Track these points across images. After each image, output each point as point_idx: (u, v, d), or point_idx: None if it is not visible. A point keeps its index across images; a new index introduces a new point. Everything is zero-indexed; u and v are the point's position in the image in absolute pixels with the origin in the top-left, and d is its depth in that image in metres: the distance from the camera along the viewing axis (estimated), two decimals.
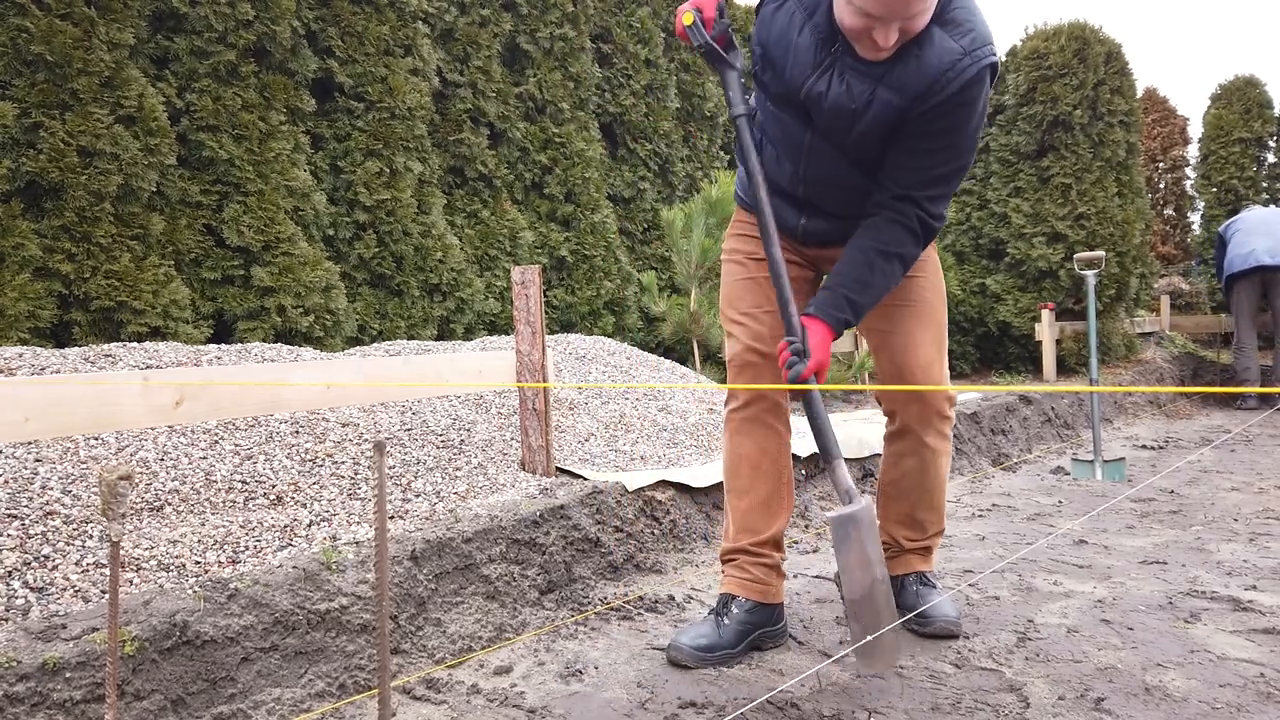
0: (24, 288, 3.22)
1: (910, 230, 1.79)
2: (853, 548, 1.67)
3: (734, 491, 2.04)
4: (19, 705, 1.34)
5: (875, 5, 1.56)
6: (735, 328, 2.03)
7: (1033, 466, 4.37)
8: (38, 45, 3.28)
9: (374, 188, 4.45)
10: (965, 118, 1.71)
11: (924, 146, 1.74)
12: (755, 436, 2.00)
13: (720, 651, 1.88)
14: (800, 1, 1.75)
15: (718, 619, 1.94)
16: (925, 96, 1.67)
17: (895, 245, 1.79)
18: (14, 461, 2.06)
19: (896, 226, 1.79)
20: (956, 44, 1.65)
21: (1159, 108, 11.19)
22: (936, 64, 1.65)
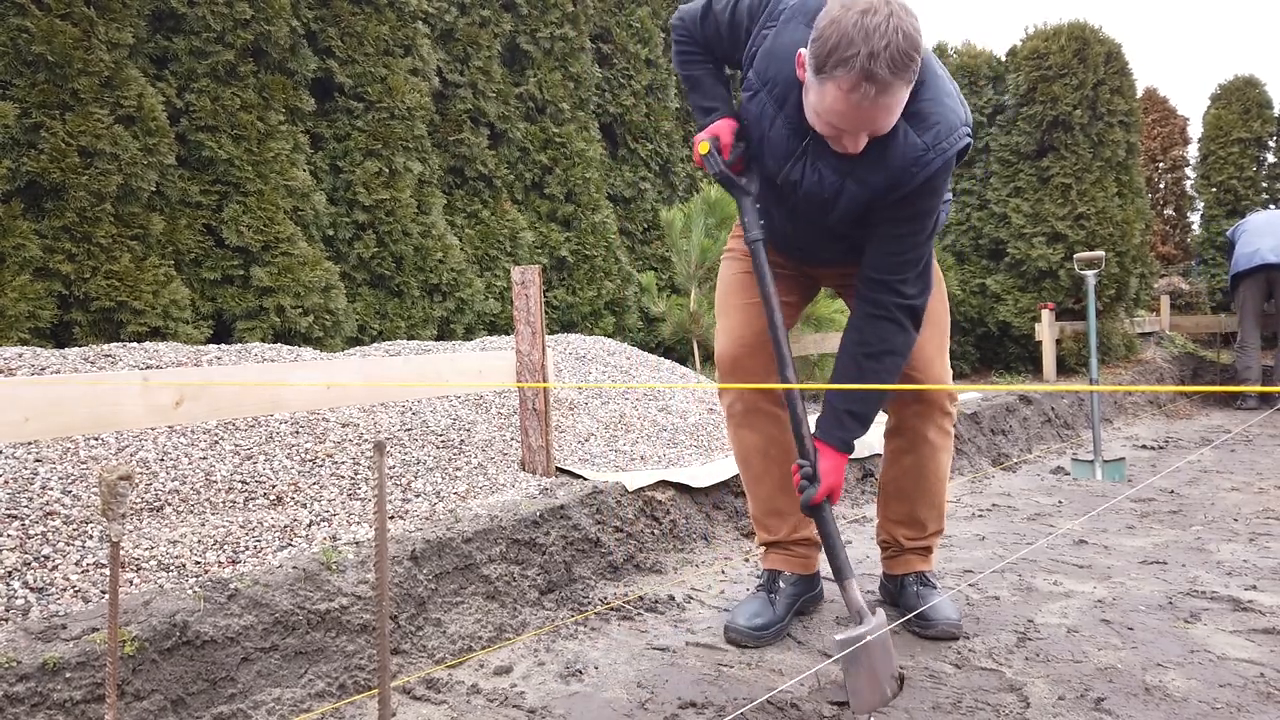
0: (24, 288, 3.22)
1: (892, 321, 1.79)
2: (862, 671, 1.65)
3: (752, 478, 2.14)
4: (19, 705, 1.34)
5: (842, 121, 1.58)
6: (725, 320, 2.08)
7: (1033, 466, 4.37)
8: (38, 45, 3.28)
9: (373, 188, 4.45)
10: (932, 203, 1.75)
11: (893, 233, 1.77)
12: (758, 425, 2.08)
13: (774, 627, 2.03)
14: (770, 93, 1.75)
15: (768, 595, 2.09)
16: (891, 190, 1.70)
17: (881, 343, 1.80)
18: (14, 461, 2.06)
19: (878, 322, 1.80)
20: (920, 139, 1.65)
21: (1159, 108, 11.19)
22: (900, 161, 1.66)
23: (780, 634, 2.04)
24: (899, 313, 1.79)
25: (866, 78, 1.48)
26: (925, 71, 1.66)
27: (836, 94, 1.53)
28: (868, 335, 1.80)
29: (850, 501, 3.45)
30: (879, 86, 1.49)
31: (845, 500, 3.45)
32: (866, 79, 1.48)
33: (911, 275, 1.78)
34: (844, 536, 2.99)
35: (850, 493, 3.50)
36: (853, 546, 2.86)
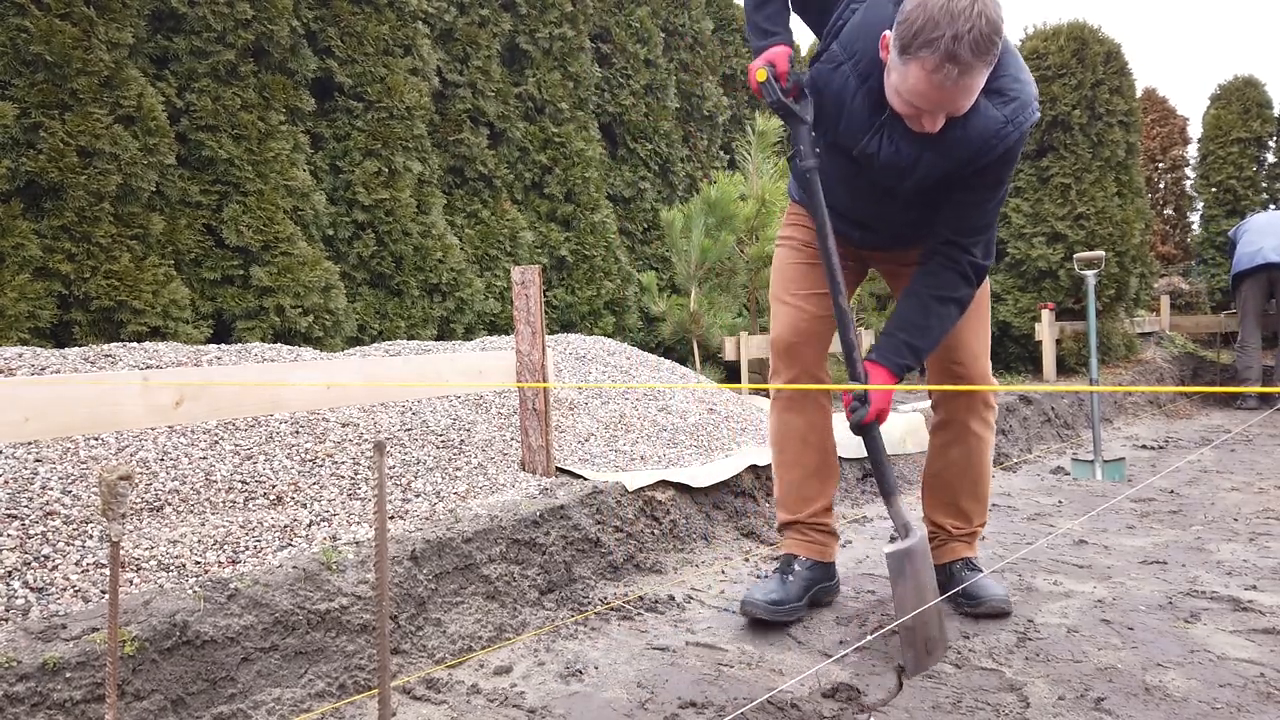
0: (24, 288, 3.22)
1: (962, 275, 1.91)
2: (908, 581, 1.77)
3: (783, 464, 2.21)
4: (19, 705, 1.34)
5: (923, 101, 1.63)
6: (783, 309, 2.16)
7: (1033, 466, 4.37)
8: (37, 45, 3.28)
9: (373, 187, 4.45)
10: (1006, 172, 1.85)
11: (970, 199, 1.87)
12: (805, 410, 2.16)
13: (789, 605, 2.08)
14: (855, 66, 1.81)
15: (782, 577, 2.14)
16: (970, 161, 1.78)
17: (949, 290, 1.90)
18: (14, 461, 2.06)
19: (949, 272, 1.90)
20: (1000, 113, 1.73)
21: (1158, 108, 11.19)
22: (981, 133, 1.74)
23: (794, 614, 2.08)
24: (969, 269, 1.91)
25: (950, 59, 1.54)
26: (1002, 50, 1.70)
27: (920, 74, 1.59)
28: (939, 281, 1.90)
29: (850, 502, 3.45)
30: (961, 68, 1.55)
31: (845, 501, 3.45)
32: (950, 60, 1.55)
33: (983, 239, 1.91)
34: (844, 536, 3.00)
35: (850, 493, 3.50)
36: (853, 547, 2.86)
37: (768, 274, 4.97)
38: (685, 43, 6.88)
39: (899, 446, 3.88)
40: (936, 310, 1.90)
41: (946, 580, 2.22)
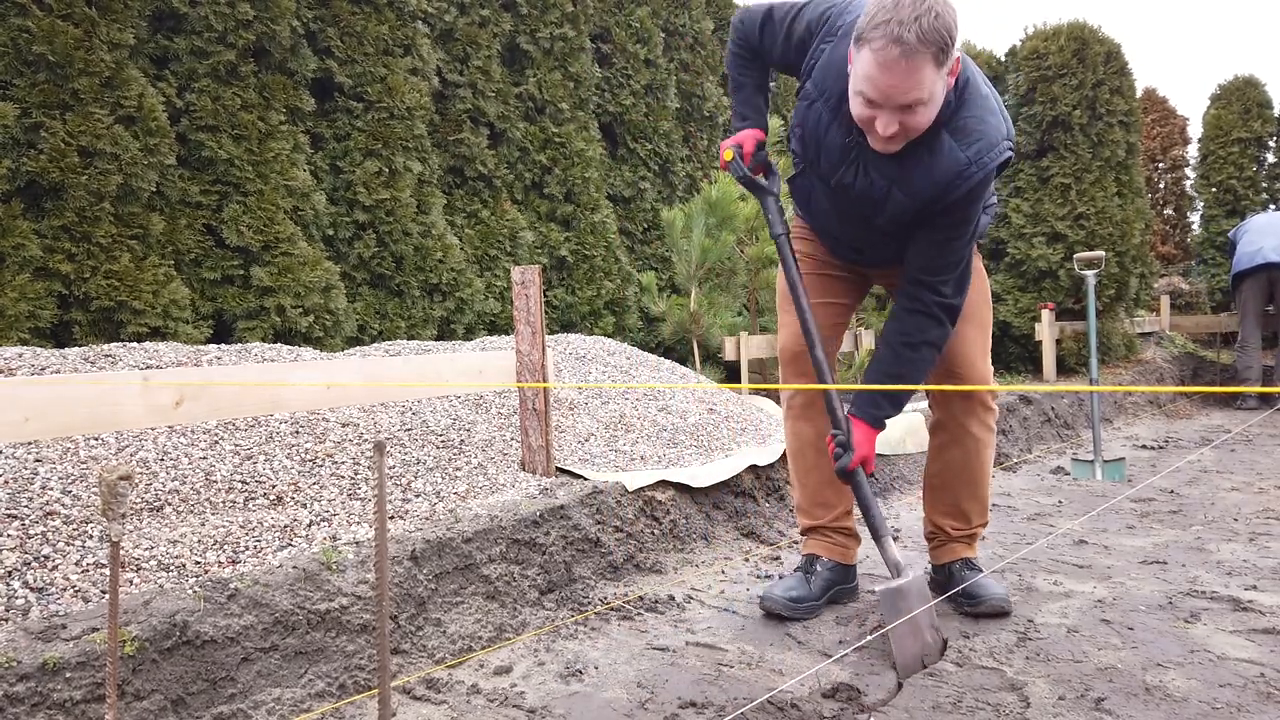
0: (24, 288, 3.22)
1: (930, 317, 1.93)
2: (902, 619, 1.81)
3: (801, 471, 2.27)
4: (19, 705, 1.34)
5: (872, 89, 1.68)
6: (788, 318, 2.20)
7: (1033, 466, 4.37)
8: (38, 45, 3.28)
9: (373, 187, 4.45)
10: (972, 211, 1.87)
11: (937, 238, 1.90)
12: (814, 419, 2.20)
13: (808, 603, 2.14)
14: (826, 102, 1.89)
15: (805, 575, 2.20)
16: (936, 199, 1.82)
17: (919, 334, 1.94)
18: (14, 461, 2.06)
19: (918, 316, 1.94)
20: (963, 154, 1.77)
21: (1158, 108, 11.18)
22: (943, 173, 1.79)
23: (813, 612, 2.15)
24: (937, 309, 1.93)
25: (895, 41, 1.61)
26: (970, 89, 1.79)
27: (869, 59, 1.65)
28: (907, 326, 1.94)
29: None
30: (905, 50, 1.60)
31: None
32: (895, 42, 1.61)
33: (951, 277, 1.92)
34: None
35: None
36: None
37: (767, 274, 4.98)
38: (685, 43, 6.88)
39: (899, 446, 3.88)
40: (908, 356, 1.94)
41: (946, 580, 2.23)
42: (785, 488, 3.19)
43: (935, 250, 1.91)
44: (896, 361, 1.95)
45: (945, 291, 1.92)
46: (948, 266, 1.91)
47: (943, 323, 1.94)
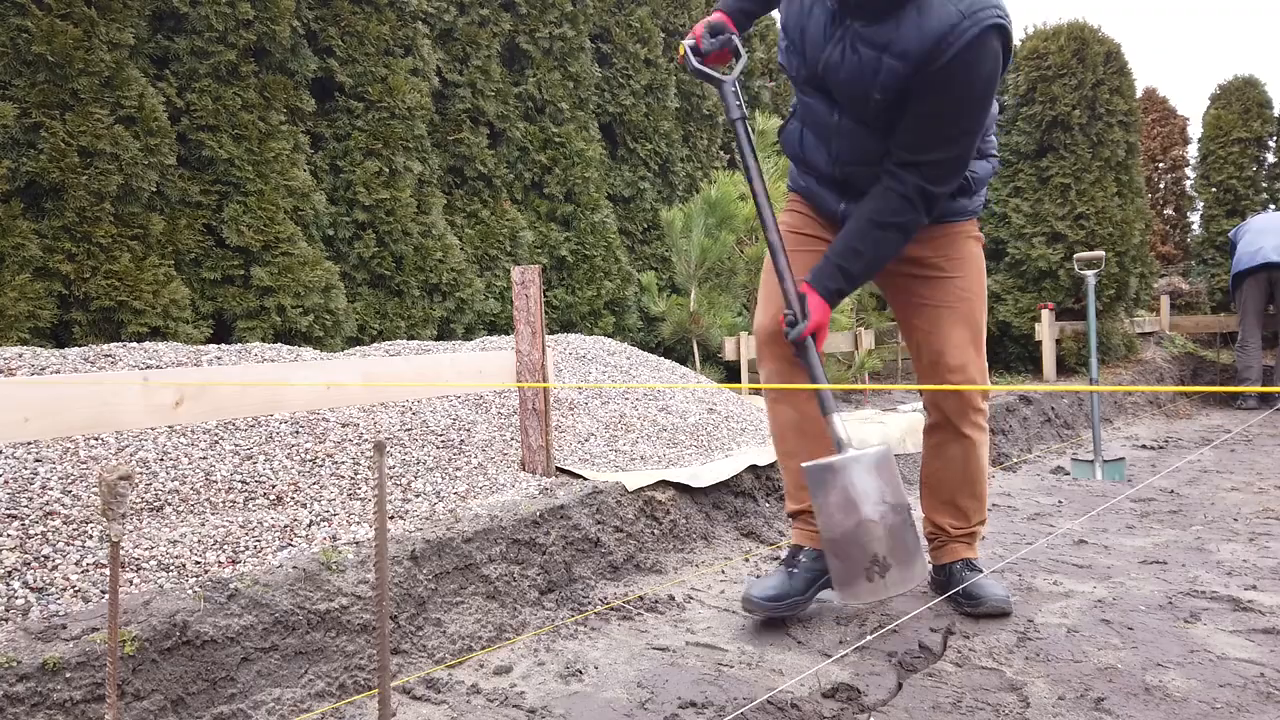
0: (24, 288, 3.22)
1: (906, 199, 1.83)
2: (830, 493, 1.76)
3: (785, 454, 2.20)
4: (19, 705, 1.34)
5: None
6: (765, 295, 2.17)
7: (1033, 466, 4.37)
8: (38, 45, 3.28)
9: (373, 187, 4.45)
10: (969, 82, 1.73)
11: (927, 111, 1.77)
12: (794, 400, 2.14)
13: (790, 599, 2.06)
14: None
15: (788, 570, 2.11)
16: (927, 62, 1.71)
17: (890, 215, 1.85)
18: (14, 461, 2.06)
19: (893, 195, 1.84)
20: (955, 8, 1.68)
21: (1158, 108, 11.18)
22: (935, 28, 1.68)
23: (795, 609, 2.07)
24: (915, 195, 1.83)
25: None
26: None
27: None
28: (881, 205, 1.85)
29: None
30: None
31: None
32: None
33: (940, 158, 1.81)
34: None
35: None
36: None
37: None
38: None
39: (899, 446, 3.88)
40: (872, 235, 1.86)
41: (946, 580, 2.22)
42: None
43: (925, 126, 1.79)
44: (861, 238, 1.87)
45: (930, 175, 1.82)
46: (937, 146, 1.80)
47: (917, 208, 1.85)
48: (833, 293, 1.89)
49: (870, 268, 1.92)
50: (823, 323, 1.89)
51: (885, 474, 1.81)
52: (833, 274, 1.89)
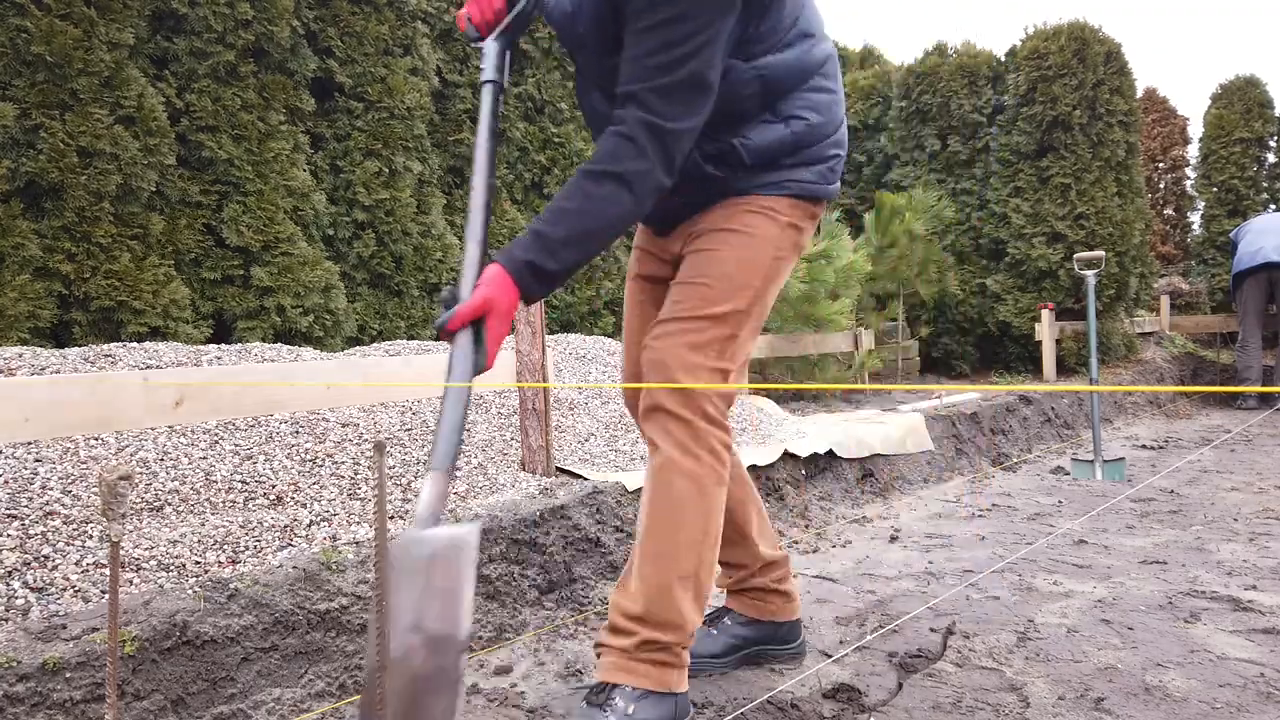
0: (24, 288, 3.22)
1: (629, 139, 1.37)
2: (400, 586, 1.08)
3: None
4: (19, 705, 1.34)
5: None
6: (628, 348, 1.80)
7: (1033, 466, 4.37)
8: (37, 45, 3.28)
9: (373, 187, 4.45)
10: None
11: (640, 25, 1.38)
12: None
13: (701, 658, 1.79)
14: None
15: (709, 627, 1.84)
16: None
17: (607, 161, 1.37)
18: (14, 461, 2.06)
19: (614, 137, 1.39)
20: None
21: (1159, 108, 11.19)
22: None
23: (707, 669, 1.79)
24: (641, 131, 1.37)
25: None
26: None
27: None
28: (599, 151, 1.40)
29: (851, 502, 3.45)
30: None
31: (845, 501, 3.45)
32: None
33: (666, 83, 1.37)
34: (843, 536, 3.00)
35: (850, 493, 3.50)
36: (853, 547, 2.86)
37: None
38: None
39: (899, 446, 3.88)
40: (585, 189, 1.37)
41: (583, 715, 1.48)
42: (785, 487, 3.19)
43: (639, 45, 1.38)
44: (569, 194, 1.38)
45: (655, 107, 1.36)
46: (659, 70, 1.37)
47: (644, 152, 1.37)
48: (523, 266, 1.33)
49: (583, 239, 1.37)
50: (494, 306, 1.29)
51: (444, 578, 1.09)
52: (528, 243, 1.35)
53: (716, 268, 1.56)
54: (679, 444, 1.50)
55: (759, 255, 1.57)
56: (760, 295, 1.58)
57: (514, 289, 1.33)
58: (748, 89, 1.51)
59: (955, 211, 6.98)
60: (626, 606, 1.50)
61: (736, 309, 1.55)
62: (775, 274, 1.60)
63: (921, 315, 7.17)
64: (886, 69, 8.11)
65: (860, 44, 10.90)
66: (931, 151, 7.34)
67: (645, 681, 1.48)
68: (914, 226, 6.20)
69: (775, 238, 1.58)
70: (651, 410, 1.53)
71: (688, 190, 1.57)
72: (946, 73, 7.19)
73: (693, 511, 1.50)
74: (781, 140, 1.55)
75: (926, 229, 6.44)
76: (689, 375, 1.50)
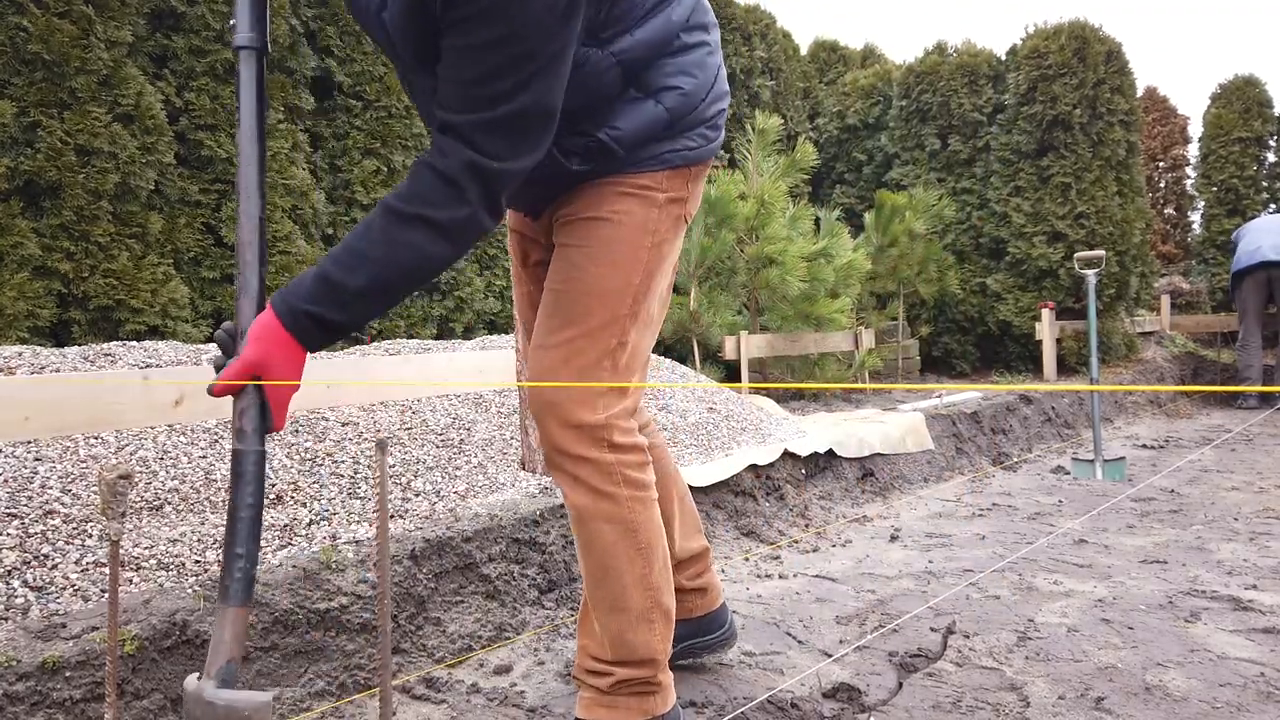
0: (23, 286, 3.22)
1: (448, 181, 1.16)
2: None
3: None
4: (19, 704, 1.34)
5: None
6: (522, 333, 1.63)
7: (1033, 466, 4.37)
8: (35, 44, 3.28)
9: (372, 186, 4.44)
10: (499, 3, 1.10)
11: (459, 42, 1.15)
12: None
13: None
14: None
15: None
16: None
17: (419, 203, 1.16)
18: (14, 460, 2.06)
19: (429, 174, 1.17)
20: None
21: (1159, 107, 11.19)
22: None
23: None
24: (461, 170, 1.16)
25: None
26: None
27: None
28: (406, 186, 1.19)
29: (851, 502, 3.45)
30: None
31: (845, 500, 3.45)
32: None
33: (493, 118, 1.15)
34: (843, 535, 3.00)
35: (850, 492, 3.50)
36: (853, 546, 2.86)
37: (767, 274, 4.98)
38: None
39: (899, 445, 3.88)
40: (389, 233, 1.15)
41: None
42: (785, 486, 3.19)
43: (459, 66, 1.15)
44: (370, 237, 1.16)
45: (481, 145, 1.15)
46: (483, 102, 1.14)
47: (463, 197, 1.16)
48: (303, 316, 1.13)
49: (384, 291, 1.17)
50: (266, 368, 1.11)
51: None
52: (313, 289, 1.14)
53: (587, 272, 1.39)
54: (591, 489, 1.38)
55: (634, 249, 1.40)
56: (642, 292, 1.41)
57: (291, 343, 1.12)
58: (607, 76, 1.31)
59: (955, 210, 6.98)
60: (595, 650, 1.46)
61: (617, 315, 1.38)
62: (656, 261, 1.43)
63: (922, 314, 7.17)
64: (887, 68, 8.11)
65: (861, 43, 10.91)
66: (932, 150, 7.33)
67: (628, 715, 1.45)
68: (914, 225, 6.20)
69: (652, 221, 1.41)
70: (554, 455, 1.38)
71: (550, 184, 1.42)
72: (947, 72, 7.19)
73: (628, 553, 1.41)
74: (655, 119, 1.37)
75: (927, 228, 6.44)
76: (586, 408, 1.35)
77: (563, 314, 1.39)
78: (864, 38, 29.99)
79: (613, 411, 1.39)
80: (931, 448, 4.06)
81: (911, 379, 6.54)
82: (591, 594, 1.46)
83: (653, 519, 1.45)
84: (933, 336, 7.24)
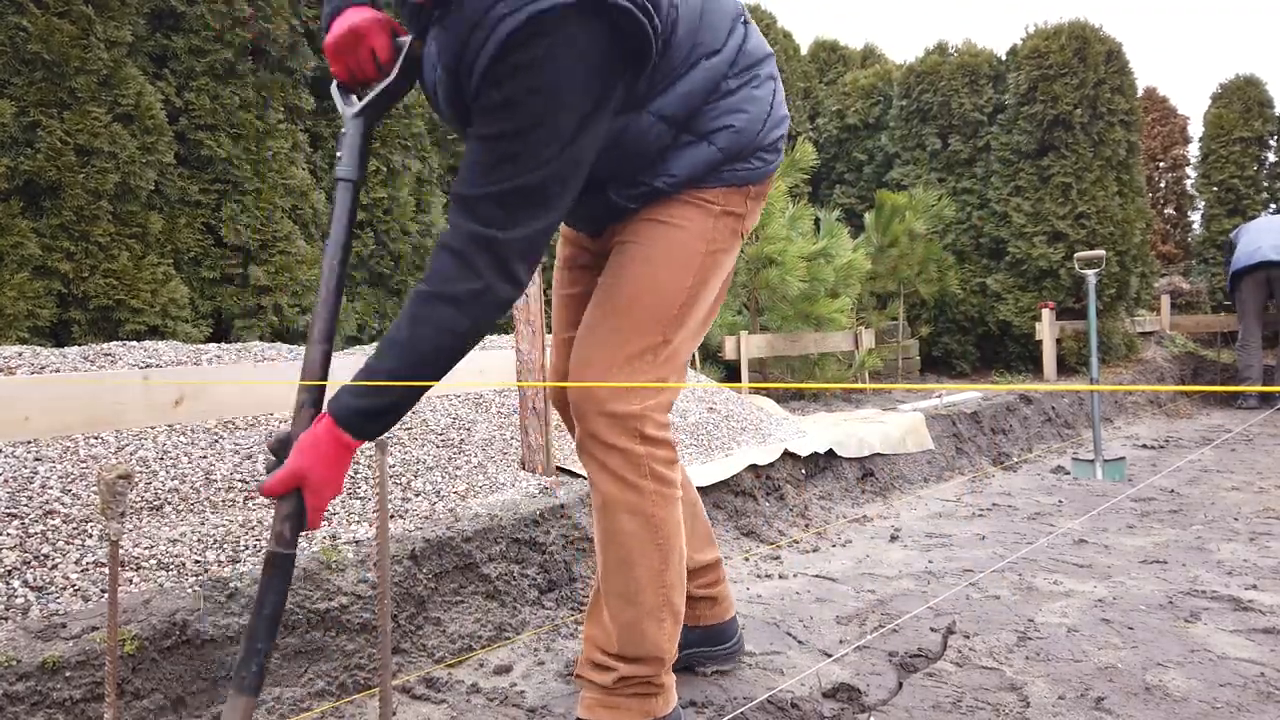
0: (23, 286, 3.22)
1: (457, 255, 1.23)
2: None
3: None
4: (19, 704, 1.34)
5: None
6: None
7: (1033, 466, 4.37)
8: (35, 44, 3.28)
9: (372, 186, 4.44)
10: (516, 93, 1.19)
11: (476, 132, 1.26)
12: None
13: None
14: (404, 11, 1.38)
15: None
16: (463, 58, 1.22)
17: (437, 281, 1.24)
18: (14, 460, 2.06)
19: (440, 251, 1.25)
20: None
21: (1159, 107, 11.19)
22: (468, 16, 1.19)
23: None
24: (467, 242, 1.22)
25: None
26: None
27: None
28: (432, 268, 1.26)
29: (851, 501, 3.45)
30: None
31: (845, 500, 3.45)
32: None
33: (496, 194, 1.22)
34: (843, 535, 3.00)
35: (850, 492, 3.50)
36: (853, 546, 2.86)
37: (767, 274, 4.98)
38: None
39: (899, 445, 3.88)
40: (414, 314, 1.24)
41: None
42: (785, 487, 3.19)
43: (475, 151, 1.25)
44: (399, 323, 1.25)
45: (483, 214, 1.22)
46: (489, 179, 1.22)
47: (473, 270, 1.22)
48: (353, 414, 1.21)
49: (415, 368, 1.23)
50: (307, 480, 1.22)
51: None
52: (355, 379, 1.24)
53: (644, 268, 1.44)
54: (618, 479, 1.41)
55: (689, 253, 1.45)
56: (695, 296, 1.46)
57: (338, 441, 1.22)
58: (652, 132, 1.37)
59: (956, 210, 6.98)
60: (602, 642, 1.48)
61: (666, 314, 1.44)
62: (710, 269, 1.47)
63: (922, 314, 7.17)
64: (887, 68, 8.11)
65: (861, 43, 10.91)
66: (932, 150, 7.33)
67: (629, 716, 1.46)
68: (915, 225, 6.20)
69: (709, 230, 1.46)
70: (586, 441, 1.42)
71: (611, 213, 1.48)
72: (947, 72, 7.19)
73: (646, 547, 1.43)
74: (709, 160, 1.42)
75: (927, 228, 6.44)
76: (623, 397, 1.39)
77: (614, 303, 1.44)
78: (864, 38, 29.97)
79: (649, 404, 1.42)
80: (931, 448, 4.06)
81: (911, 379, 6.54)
82: (606, 583, 1.47)
83: (674, 517, 1.46)
84: (933, 336, 7.24)
